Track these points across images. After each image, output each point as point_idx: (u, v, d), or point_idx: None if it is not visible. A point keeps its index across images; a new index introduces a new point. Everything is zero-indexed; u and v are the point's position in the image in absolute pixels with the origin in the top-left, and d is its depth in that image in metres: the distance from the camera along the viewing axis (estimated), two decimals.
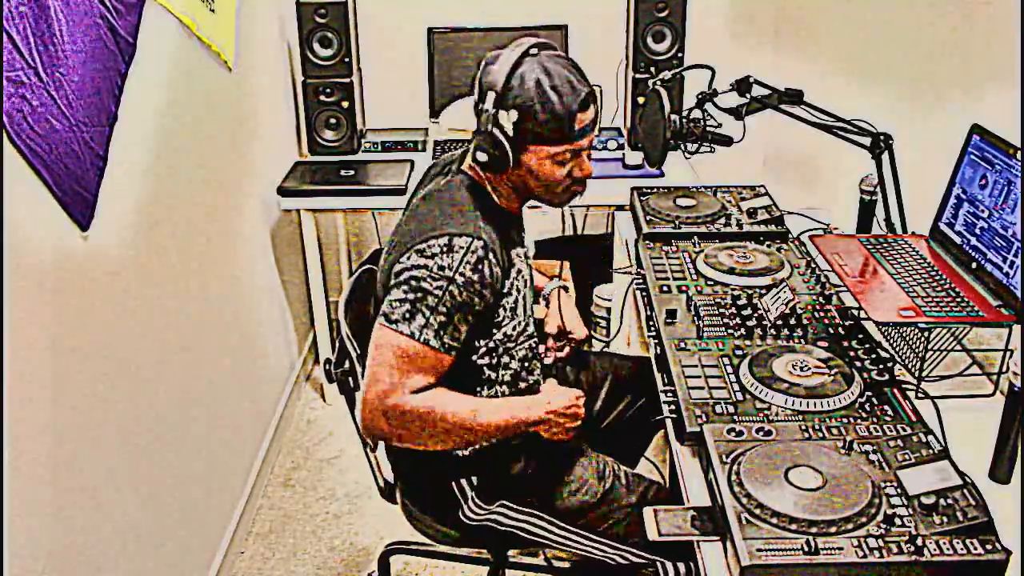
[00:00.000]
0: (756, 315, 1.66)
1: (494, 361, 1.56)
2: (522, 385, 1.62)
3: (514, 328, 1.55)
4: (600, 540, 1.62)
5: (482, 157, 1.48)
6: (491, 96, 1.44)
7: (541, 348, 1.79)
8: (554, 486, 1.61)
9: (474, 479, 1.60)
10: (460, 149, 1.70)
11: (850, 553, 1.10)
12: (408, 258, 1.44)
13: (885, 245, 1.85)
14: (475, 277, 1.43)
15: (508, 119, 1.44)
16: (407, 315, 1.41)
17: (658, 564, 1.58)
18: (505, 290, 1.51)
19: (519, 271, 1.56)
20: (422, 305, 1.41)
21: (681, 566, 1.55)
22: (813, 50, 2.83)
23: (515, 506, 1.61)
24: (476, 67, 1.51)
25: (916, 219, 1.98)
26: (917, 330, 1.58)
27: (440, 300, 1.41)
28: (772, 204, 2.14)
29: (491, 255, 1.45)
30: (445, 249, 1.42)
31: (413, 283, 1.42)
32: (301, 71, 2.80)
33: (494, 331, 1.53)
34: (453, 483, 1.61)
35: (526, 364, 1.62)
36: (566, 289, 1.95)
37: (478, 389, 1.57)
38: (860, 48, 2.51)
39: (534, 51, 1.47)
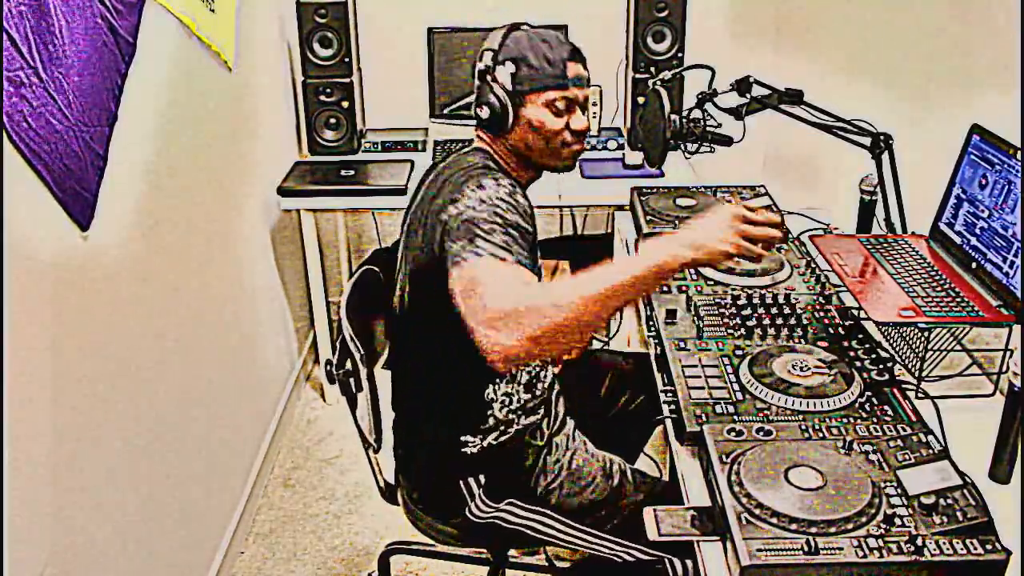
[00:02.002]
0: (756, 315, 1.66)
1: None
2: (537, 390, 1.62)
3: None
4: (607, 538, 1.62)
5: (483, 113, 1.53)
6: (488, 55, 1.53)
7: None
8: (562, 484, 1.61)
9: (482, 477, 1.60)
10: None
11: (850, 553, 1.10)
12: (448, 211, 1.40)
13: (885, 245, 1.85)
14: (511, 200, 1.41)
15: (505, 72, 1.51)
16: (470, 248, 1.33)
17: (665, 561, 1.58)
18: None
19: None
20: (477, 230, 1.34)
21: (689, 562, 1.54)
22: (813, 50, 2.83)
23: (524, 504, 1.61)
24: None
25: (916, 219, 1.98)
26: (917, 330, 1.58)
27: (491, 222, 1.35)
28: (772, 204, 2.14)
29: (518, 189, 1.45)
30: (477, 187, 1.41)
31: (464, 223, 1.36)
32: (301, 71, 2.80)
33: None
34: (461, 481, 1.60)
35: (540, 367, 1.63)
36: None
37: (497, 380, 1.56)
38: (860, 48, 2.51)
39: (524, 27, 1.59)
